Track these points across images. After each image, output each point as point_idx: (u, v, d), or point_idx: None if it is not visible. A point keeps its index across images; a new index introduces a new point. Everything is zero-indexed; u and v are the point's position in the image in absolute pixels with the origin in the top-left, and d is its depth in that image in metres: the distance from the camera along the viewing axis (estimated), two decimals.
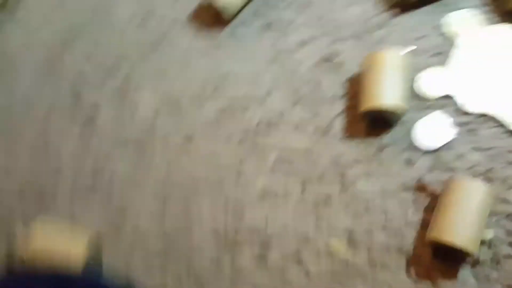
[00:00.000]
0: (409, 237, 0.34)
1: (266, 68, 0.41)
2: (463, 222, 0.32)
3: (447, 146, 0.36)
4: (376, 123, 0.38)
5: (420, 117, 0.37)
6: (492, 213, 0.33)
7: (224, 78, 0.41)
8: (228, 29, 0.43)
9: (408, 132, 0.37)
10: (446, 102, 0.37)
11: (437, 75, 0.38)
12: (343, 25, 0.41)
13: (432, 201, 0.35)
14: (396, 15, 0.41)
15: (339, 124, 0.38)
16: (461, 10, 0.40)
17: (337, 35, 0.41)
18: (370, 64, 0.37)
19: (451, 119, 0.37)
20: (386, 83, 0.36)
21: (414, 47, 0.39)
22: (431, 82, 0.38)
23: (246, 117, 0.40)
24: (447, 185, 0.33)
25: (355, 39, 0.40)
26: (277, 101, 0.40)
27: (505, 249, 0.33)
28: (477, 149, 0.36)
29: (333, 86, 0.39)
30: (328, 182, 0.37)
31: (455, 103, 0.37)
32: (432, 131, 0.36)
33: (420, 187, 0.35)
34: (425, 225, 0.34)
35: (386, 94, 0.35)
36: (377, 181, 0.36)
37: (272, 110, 0.39)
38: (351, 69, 0.40)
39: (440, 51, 0.39)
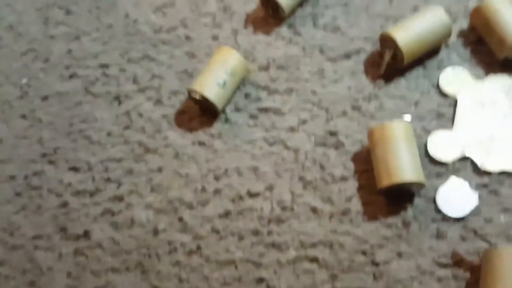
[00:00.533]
0: None
1: (265, 156, 0.38)
2: None
3: (473, 212, 0.34)
4: (394, 199, 0.35)
5: (439, 184, 0.35)
6: None
7: (224, 176, 0.38)
8: (222, 116, 0.40)
9: (430, 203, 0.35)
10: (462, 164, 0.36)
11: (446, 138, 0.37)
12: (336, 101, 0.39)
13: (473, 275, 0.32)
14: (386, 83, 0.40)
15: (355, 207, 0.36)
16: (454, 66, 0.39)
17: (332, 111, 0.39)
18: (378, 138, 0.35)
19: (471, 183, 0.35)
20: (401, 155, 0.34)
21: (409, 115, 0.38)
22: (442, 146, 0.36)
23: (254, 216, 0.36)
24: (485, 256, 0.31)
25: (350, 114, 0.39)
26: (285, 192, 0.37)
27: None
28: (503, 210, 0.34)
29: (339, 166, 0.37)
30: (358, 271, 0.34)
31: (471, 165, 0.36)
32: (455, 198, 0.34)
33: (457, 261, 0.33)
34: None
35: (404, 166, 0.33)
36: (410, 261, 0.33)
37: (282, 202, 0.37)
38: (353, 146, 0.38)
39: (442, 112, 0.38)
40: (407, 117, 0.38)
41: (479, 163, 0.36)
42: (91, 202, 0.39)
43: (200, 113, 0.41)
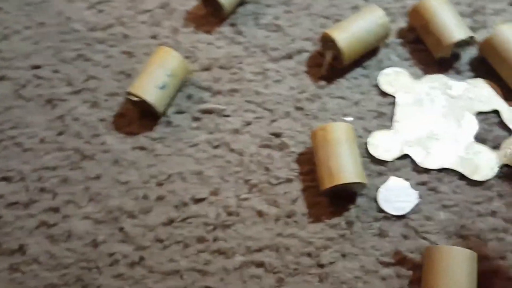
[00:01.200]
0: None
1: (209, 160, 0.37)
2: None
3: (414, 210, 0.35)
4: (338, 199, 0.36)
5: (380, 183, 0.36)
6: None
7: (167, 181, 0.37)
8: (163, 119, 0.39)
9: (371, 202, 0.35)
10: (402, 163, 0.36)
11: (386, 137, 0.37)
12: (279, 102, 0.39)
13: (415, 272, 0.33)
14: (328, 84, 0.40)
15: (300, 208, 0.36)
16: (393, 67, 0.40)
17: (276, 112, 0.39)
18: (319, 140, 0.35)
19: (411, 181, 0.36)
20: (342, 157, 0.34)
21: (351, 117, 0.38)
22: (382, 145, 0.37)
23: (200, 222, 0.35)
24: (427, 254, 0.32)
25: (294, 114, 0.39)
26: (230, 196, 0.36)
27: None
28: (443, 207, 0.35)
29: (283, 168, 0.37)
30: (304, 274, 0.34)
31: (410, 163, 0.36)
32: (396, 197, 0.35)
33: (400, 260, 0.34)
34: None
35: (346, 168, 0.34)
36: (354, 262, 0.34)
37: (227, 207, 0.36)
38: (297, 147, 0.37)
39: (382, 111, 0.38)
40: (349, 119, 0.38)
41: (418, 160, 0.36)
42: (25, 214, 0.36)
43: (140, 116, 0.39)
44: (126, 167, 0.38)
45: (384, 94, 0.39)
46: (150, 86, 0.37)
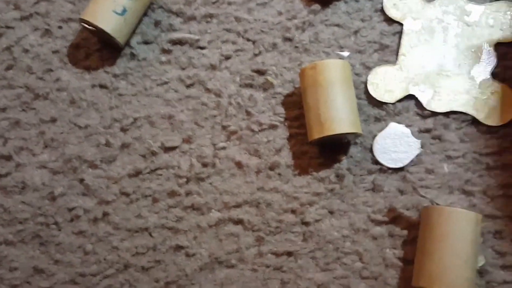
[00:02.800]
0: (393, 283, 0.29)
1: (182, 101, 0.32)
2: (454, 266, 0.27)
3: (413, 162, 0.31)
4: (327, 149, 0.31)
5: (377, 130, 0.31)
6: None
7: (132, 126, 0.32)
8: (125, 51, 0.33)
9: (366, 152, 0.31)
10: (404, 106, 0.31)
11: (389, 74, 0.32)
12: (264, 31, 0.33)
13: (410, 232, 0.30)
14: (323, 8, 0.33)
15: (285, 159, 0.31)
16: None
17: (260, 44, 0.33)
18: (309, 81, 0.29)
19: (413, 128, 0.31)
20: (335, 102, 0.29)
21: (348, 52, 0.32)
22: (384, 84, 0.32)
23: (171, 174, 0.31)
24: (426, 214, 0.28)
25: (281, 46, 0.33)
26: (206, 144, 0.32)
27: (498, 275, 0.29)
28: (447, 159, 0.31)
29: (267, 112, 0.32)
30: (287, 232, 0.30)
31: (414, 106, 0.31)
32: (394, 147, 0.31)
33: (394, 218, 0.30)
34: (407, 265, 0.29)
35: (338, 116, 0.29)
36: (343, 219, 0.30)
37: (202, 157, 0.31)
38: (283, 87, 0.32)
39: (385, 43, 0.32)
40: (344, 53, 0.32)
41: (424, 101, 0.31)
42: None
43: (100, 46, 0.33)
44: (85, 108, 0.33)
45: (389, 21, 0.33)
46: (107, 11, 0.31)
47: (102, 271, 0.30)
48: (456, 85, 0.32)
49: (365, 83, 0.32)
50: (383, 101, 0.31)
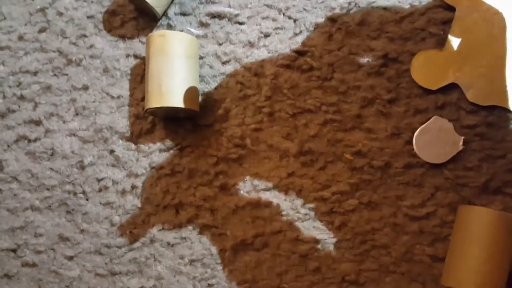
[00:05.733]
0: (420, 280, 0.29)
1: (216, 78, 0.31)
2: (486, 270, 0.26)
3: (453, 159, 0.29)
4: (169, 121, 0.30)
5: (419, 123, 0.30)
6: None
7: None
8: (162, 21, 0.32)
9: (406, 145, 0.30)
10: (446, 98, 0.30)
11: (434, 59, 0.30)
12: (305, 9, 0.31)
13: (443, 230, 0.29)
14: None
15: (318, 145, 0.30)
16: None
17: (300, 24, 0.31)
18: (157, 47, 0.30)
19: (456, 123, 0.30)
20: (179, 75, 0.28)
21: (198, 31, 0.31)
22: (428, 68, 0.30)
23: (201, 152, 0.31)
24: (461, 215, 0.27)
25: (323, 27, 0.31)
26: (240, 124, 0.31)
27: None
28: (488, 158, 0.29)
29: (304, 94, 0.31)
30: (315, 220, 0.30)
31: (457, 100, 0.30)
32: (435, 142, 0.29)
33: (427, 214, 0.29)
34: (437, 262, 0.29)
35: (181, 89, 0.29)
36: (375, 212, 0.29)
37: (234, 137, 0.31)
38: (322, 70, 0.31)
39: (433, 31, 0.31)
40: (195, 31, 0.31)
41: (468, 93, 0.30)
42: (2, 125, 0.32)
43: (136, 15, 0.32)
44: (118, 78, 0.32)
45: (439, 8, 0.31)
46: None
47: (128, 243, 0.30)
48: (503, 80, 0.30)
49: (409, 70, 0.30)
50: (425, 86, 0.30)
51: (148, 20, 0.32)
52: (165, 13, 0.32)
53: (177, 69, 0.28)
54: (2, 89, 0.32)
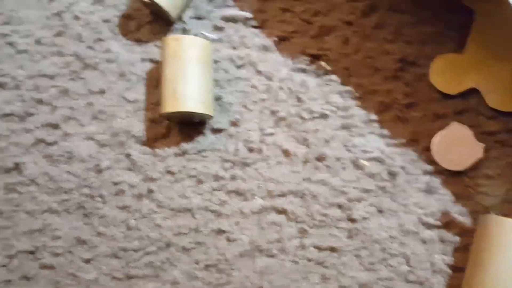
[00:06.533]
0: None
1: (230, 82, 0.31)
2: (508, 281, 0.25)
3: (473, 166, 0.29)
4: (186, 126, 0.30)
5: (437, 128, 0.29)
6: None
7: None
8: (177, 26, 0.32)
9: (423, 151, 0.29)
10: (466, 103, 0.29)
11: (454, 63, 0.29)
12: (326, 11, 0.31)
13: (463, 239, 0.28)
14: None
15: (334, 151, 0.30)
16: None
17: (318, 25, 0.31)
18: (171, 51, 0.29)
19: (476, 129, 0.29)
20: (193, 79, 0.29)
21: (215, 36, 0.30)
22: (448, 72, 0.29)
23: (216, 157, 0.30)
24: (482, 224, 0.27)
25: (340, 30, 0.31)
26: (253, 129, 0.31)
27: None
28: (509, 166, 0.29)
29: (319, 99, 0.30)
30: (332, 227, 0.29)
31: (477, 105, 0.29)
32: (454, 149, 0.29)
33: (447, 223, 0.29)
34: (456, 272, 0.28)
35: (195, 94, 0.29)
36: (392, 219, 0.29)
37: (249, 141, 0.30)
38: (338, 74, 0.30)
39: (451, 34, 0.30)
40: (212, 36, 0.31)
41: (489, 99, 0.29)
42: (21, 128, 0.32)
43: (151, 19, 0.32)
44: (134, 82, 0.32)
45: (459, 11, 0.30)
46: None
47: (144, 247, 0.30)
48: None
49: (427, 75, 0.30)
50: (444, 91, 0.29)
51: (163, 24, 0.32)
52: (180, 17, 0.32)
53: (191, 73, 0.28)
54: (20, 92, 0.33)
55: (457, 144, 0.29)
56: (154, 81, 0.32)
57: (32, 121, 0.32)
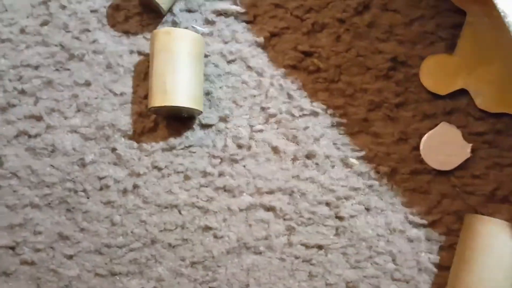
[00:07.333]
0: None
1: (221, 78, 0.31)
2: (493, 280, 0.26)
3: (461, 166, 0.29)
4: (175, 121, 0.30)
5: (427, 128, 0.29)
6: None
7: None
8: (167, 18, 0.31)
9: (412, 151, 0.29)
10: (455, 104, 0.30)
11: (444, 63, 0.30)
12: (319, 7, 0.31)
13: (448, 239, 0.29)
14: None
15: (323, 149, 0.30)
16: None
17: (310, 23, 0.31)
18: (161, 44, 0.28)
19: (463, 130, 0.29)
20: (184, 73, 0.28)
21: (205, 29, 0.30)
22: (437, 73, 0.29)
23: (204, 153, 0.30)
24: (467, 224, 0.27)
25: (335, 27, 0.31)
26: (243, 125, 0.30)
27: None
28: (495, 166, 0.29)
29: (310, 96, 0.30)
30: (319, 225, 0.29)
31: (466, 106, 0.30)
32: (443, 149, 0.29)
33: (433, 222, 0.29)
34: (441, 271, 0.28)
35: (185, 88, 0.28)
36: (379, 217, 0.29)
37: (238, 137, 0.30)
38: (329, 72, 0.30)
39: (443, 35, 0.30)
40: (201, 29, 0.31)
41: (477, 100, 0.29)
42: (2, 119, 0.31)
43: (140, 10, 0.32)
44: (122, 75, 0.31)
45: (449, 12, 0.30)
46: None
47: (129, 244, 0.30)
48: None
49: (417, 75, 0.30)
50: (434, 91, 0.30)
51: (152, 16, 0.31)
52: (170, 10, 0.31)
53: (181, 67, 0.28)
54: (2, 83, 0.32)
55: (446, 144, 0.29)
56: (142, 74, 0.31)
57: (15, 112, 0.31)
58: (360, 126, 0.30)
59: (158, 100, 0.28)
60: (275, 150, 0.30)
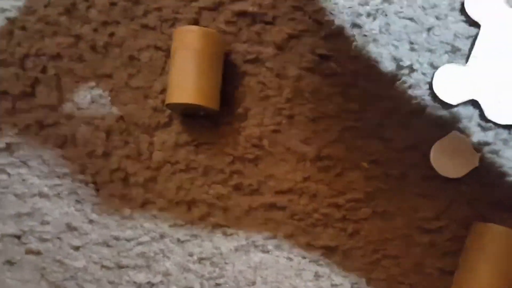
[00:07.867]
0: None
1: (237, 76, 0.31)
2: (494, 283, 0.26)
3: (469, 174, 0.30)
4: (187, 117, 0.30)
5: (437, 136, 0.30)
6: None
7: None
8: None
9: (422, 157, 0.30)
10: (466, 113, 0.30)
11: (457, 74, 0.30)
12: (334, 13, 0.31)
13: (453, 245, 0.29)
14: None
15: (336, 151, 0.30)
16: None
17: (327, 27, 0.31)
18: (184, 42, 0.28)
19: (472, 139, 0.30)
20: (205, 72, 0.28)
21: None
22: (450, 83, 0.30)
23: (218, 150, 0.30)
24: (474, 232, 0.28)
25: (349, 32, 0.31)
26: (259, 124, 0.30)
27: None
28: (503, 175, 0.30)
29: (326, 99, 0.31)
30: (328, 227, 0.30)
31: (476, 116, 0.30)
32: (452, 156, 0.30)
33: (440, 228, 0.29)
34: (445, 276, 0.29)
35: (205, 86, 0.28)
36: (387, 221, 0.29)
37: (252, 137, 0.30)
38: (345, 76, 0.31)
39: (457, 45, 0.31)
40: None
41: (487, 110, 0.30)
42: (17, 108, 0.31)
43: (160, 5, 0.32)
44: (138, 69, 0.31)
45: (465, 23, 0.31)
46: None
47: (137, 237, 0.30)
48: None
49: (430, 83, 0.30)
50: (445, 100, 0.30)
51: (171, 11, 0.32)
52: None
53: (202, 66, 0.28)
54: (18, 71, 0.31)
55: (455, 152, 0.30)
56: (159, 69, 0.31)
57: (29, 101, 0.31)
58: (373, 131, 0.30)
59: (176, 96, 0.28)
60: (289, 151, 0.30)
